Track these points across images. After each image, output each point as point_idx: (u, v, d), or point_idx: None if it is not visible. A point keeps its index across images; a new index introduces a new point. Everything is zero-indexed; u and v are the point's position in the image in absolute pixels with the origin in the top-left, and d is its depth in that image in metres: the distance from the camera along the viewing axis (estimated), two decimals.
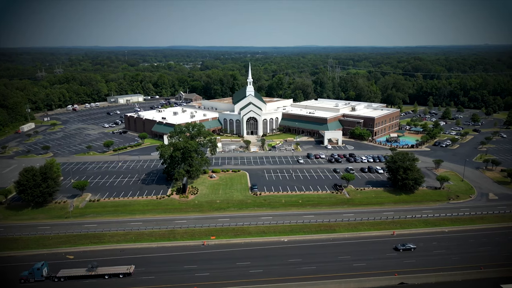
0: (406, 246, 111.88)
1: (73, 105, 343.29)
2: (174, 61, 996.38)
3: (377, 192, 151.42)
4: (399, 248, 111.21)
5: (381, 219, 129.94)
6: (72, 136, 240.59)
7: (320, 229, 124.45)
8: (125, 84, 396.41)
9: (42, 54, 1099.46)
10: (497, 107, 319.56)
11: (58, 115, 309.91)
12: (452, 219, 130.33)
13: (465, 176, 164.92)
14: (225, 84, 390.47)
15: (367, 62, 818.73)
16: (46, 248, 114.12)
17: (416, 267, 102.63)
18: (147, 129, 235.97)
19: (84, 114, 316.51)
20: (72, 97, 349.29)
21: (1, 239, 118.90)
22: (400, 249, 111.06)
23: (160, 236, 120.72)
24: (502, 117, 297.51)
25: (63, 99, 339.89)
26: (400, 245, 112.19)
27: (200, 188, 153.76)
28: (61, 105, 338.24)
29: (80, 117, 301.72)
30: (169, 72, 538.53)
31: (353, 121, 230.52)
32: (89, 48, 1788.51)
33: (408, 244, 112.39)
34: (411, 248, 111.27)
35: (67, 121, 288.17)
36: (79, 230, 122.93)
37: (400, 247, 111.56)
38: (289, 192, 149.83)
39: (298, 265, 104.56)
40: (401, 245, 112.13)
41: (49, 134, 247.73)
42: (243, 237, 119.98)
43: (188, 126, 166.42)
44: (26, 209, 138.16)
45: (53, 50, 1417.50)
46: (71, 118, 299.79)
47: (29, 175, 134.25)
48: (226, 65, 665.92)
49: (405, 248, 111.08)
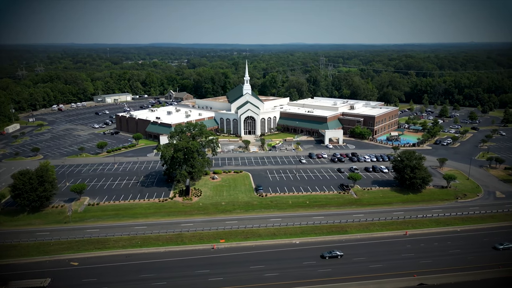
0: (332, 253, 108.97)
1: (58, 105, 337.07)
2: (158, 58, 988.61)
3: (384, 191, 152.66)
4: (325, 256, 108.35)
5: (392, 219, 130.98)
6: (61, 138, 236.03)
7: (331, 230, 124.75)
8: (112, 83, 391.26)
9: (17, 51, 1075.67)
10: (492, 105, 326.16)
11: (43, 116, 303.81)
12: (462, 218, 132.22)
13: (470, 174, 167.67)
14: (217, 83, 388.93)
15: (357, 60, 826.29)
16: (48, 255, 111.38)
17: (433, 267, 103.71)
18: (141, 129, 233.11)
19: (71, 114, 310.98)
20: (57, 97, 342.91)
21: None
22: (326, 256, 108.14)
23: (167, 240, 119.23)
24: (498, 115, 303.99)
25: (48, 98, 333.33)
26: (326, 253, 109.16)
27: (203, 190, 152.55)
28: (45, 105, 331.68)
29: (67, 117, 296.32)
30: (156, 70, 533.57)
31: (353, 120, 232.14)
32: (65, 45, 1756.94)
33: (335, 251, 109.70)
34: (337, 255, 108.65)
35: (54, 121, 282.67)
36: (81, 236, 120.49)
37: (326, 254, 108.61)
38: (295, 193, 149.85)
39: (313, 268, 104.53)
40: (328, 253, 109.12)
41: (36, 135, 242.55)
42: (253, 240, 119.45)
43: (189, 126, 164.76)
44: (22, 214, 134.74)
45: (28, 47, 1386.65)
46: (57, 118, 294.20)
47: (25, 179, 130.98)
48: (214, 63, 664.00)
49: (332, 256, 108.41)
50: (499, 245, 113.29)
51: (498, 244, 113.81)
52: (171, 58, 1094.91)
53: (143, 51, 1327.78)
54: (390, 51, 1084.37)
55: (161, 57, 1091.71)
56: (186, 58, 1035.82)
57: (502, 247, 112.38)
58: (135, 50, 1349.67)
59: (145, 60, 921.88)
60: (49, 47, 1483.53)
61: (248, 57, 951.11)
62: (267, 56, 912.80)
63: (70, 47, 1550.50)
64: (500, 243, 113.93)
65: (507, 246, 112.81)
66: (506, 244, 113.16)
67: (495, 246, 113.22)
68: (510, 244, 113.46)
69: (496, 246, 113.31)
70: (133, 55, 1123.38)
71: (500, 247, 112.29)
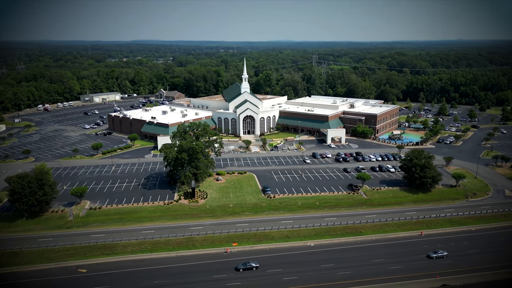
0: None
1: (43, 104, 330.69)
2: (141, 56, 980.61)
3: (393, 191, 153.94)
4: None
5: (405, 220, 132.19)
6: (50, 139, 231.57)
7: (345, 231, 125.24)
8: (100, 81, 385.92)
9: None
10: (490, 103, 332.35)
11: (29, 116, 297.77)
12: (476, 217, 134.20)
13: (477, 173, 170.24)
14: (209, 81, 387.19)
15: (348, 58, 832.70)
16: (53, 262, 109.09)
17: (453, 268, 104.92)
18: (135, 129, 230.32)
19: (59, 114, 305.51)
20: (42, 96, 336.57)
21: None
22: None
23: (177, 244, 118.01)
24: (495, 113, 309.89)
25: (32, 98, 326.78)
26: None
27: (208, 192, 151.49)
28: (30, 105, 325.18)
29: (55, 118, 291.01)
30: (142, 68, 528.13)
31: (355, 119, 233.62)
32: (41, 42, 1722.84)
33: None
34: None
35: (41, 122, 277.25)
36: (86, 241, 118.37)
37: None
38: (304, 194, 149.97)
39: (332, 270, 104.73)
40: None
41: (24, 137, 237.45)
42: (266, 243, 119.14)
43: (192, 126, 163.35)
44: (20, 219, 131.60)
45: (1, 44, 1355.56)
46: (44, 119, 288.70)
47: (24, 182, 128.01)
48: (203, 61, 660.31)
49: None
50: (432, 253, 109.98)
51: (431, 252, 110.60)
52: (155, 55, 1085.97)
53: (126, 49, 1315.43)
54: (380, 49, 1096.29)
55: (145, 55, 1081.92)
56: (171, 56, 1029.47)
57: (435, 255, 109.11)
58: (117, 48, 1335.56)
59: (129, 57, 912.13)
60: (23, 44, 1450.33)
61: (236, 54, 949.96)
62: (256, 54, 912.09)
63: (46, 44, 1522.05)
64: (434, 251, 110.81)
65: (440, 254, 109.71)
66: (440, 252, 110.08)
67: (429, 255, 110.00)
68: (444, 252, 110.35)
69: (429, 254, 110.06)
70: (116, 52, 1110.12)
71: (434, 256, 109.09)
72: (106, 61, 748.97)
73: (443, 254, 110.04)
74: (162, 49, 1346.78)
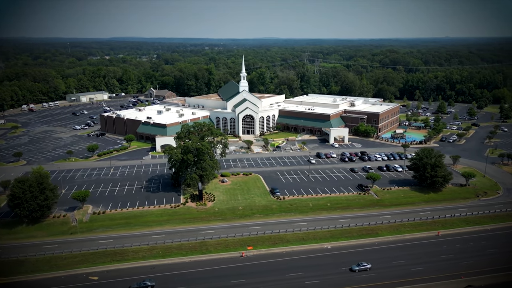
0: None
1: (28, 104, 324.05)
2: (123, 54, 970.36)
3: (404, 191, 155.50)
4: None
5: (421, 220, 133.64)
6: (40, 141, 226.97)
7: (361, 233, 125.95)
8: (86, 80, 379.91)
9: None
10: (487, 101, 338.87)
11: (14, 117, 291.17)
12: (490, 216, 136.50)
13: (485, 171, 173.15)
14: (200, 80, 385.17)
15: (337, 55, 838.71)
16: (62, 270, 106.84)
17: (475, 268, 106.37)
18: (130, 130, 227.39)
19: (45, 115, 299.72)
20: (26, 96, 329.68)
21: (3, 262, 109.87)
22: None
23: (190, 249, 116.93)
24: (492, 111, 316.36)
25: (16, 98, 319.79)
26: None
27: (215, 194, 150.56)
28: (13, 105, 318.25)
29: (42, 119, 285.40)
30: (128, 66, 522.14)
31: (356, 117, 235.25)
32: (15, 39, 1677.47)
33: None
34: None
35: (28, 123, 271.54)
36: (95, 247, 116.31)
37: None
38: (314, 195, 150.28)
39: (354, 273, 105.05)
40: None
41: (12, 138, 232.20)
42: (282, 246, 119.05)
43: (197, 126, 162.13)
44: (20, 226, 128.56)
45: None
46: (31, 119, 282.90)
47: (25, 186, 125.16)
48: (191, 59, 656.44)
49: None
50: (355, 266, 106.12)
51: (354, 265, 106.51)
52: (138, 53, 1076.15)
53: (106, 46, 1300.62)
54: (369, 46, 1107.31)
55: (127, 52, 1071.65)
56: (155, 53, 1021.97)
57: (358, 268, 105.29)
58: (96, 45, 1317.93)
59: (111, 55, 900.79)
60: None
61: (223, 52, 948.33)
62: (243, 52, 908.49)
63: (21, 41, 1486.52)
64: (357, 264, 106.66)
65: (363, 266, 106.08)
66: (363, 265, 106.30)
67: (351, 268, 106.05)
68: (367, 265, 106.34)
69: (352, 268, 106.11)
70: (96, 50, 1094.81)
71: (356, 269, 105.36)
72: (88, 59, 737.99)
73: (366, 266, 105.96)
74: (144, 47, 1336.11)
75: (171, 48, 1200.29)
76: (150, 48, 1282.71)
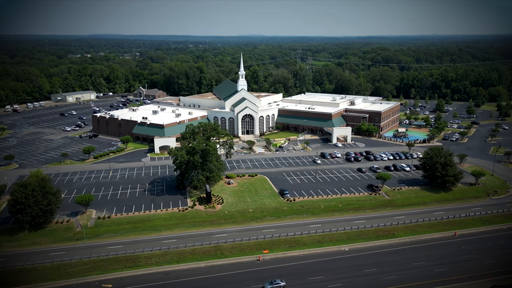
0: None
1: (12, 105, 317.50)
2: (104, 51, 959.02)
3: (415, 191, 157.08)
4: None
5: (436, 220, 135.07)
6: (30, 143, 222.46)
7: (378, 234, 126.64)
8: (72, 79, 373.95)
9: None
10: (484, 99, 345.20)
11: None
12: (504, 215, 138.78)
13: (493, 170, 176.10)
14: (191, 78, 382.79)
15: (326, 53, 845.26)
16: (73, 278, 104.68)
17: (498, 268, 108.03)
18: (125, 131, 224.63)
19: (31, 116, 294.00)
20: (9, 96, 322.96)
21: (9, 271, 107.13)
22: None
23: (205, 253, 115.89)
24: (489, 109, 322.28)
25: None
26: None
27: (223, 196, 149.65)
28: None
29: (28, 120, 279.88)
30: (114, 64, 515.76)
31: (358, 116, 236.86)
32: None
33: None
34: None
35: (14, 124, 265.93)
36: (105, 254, 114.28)
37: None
38: (324, 196, 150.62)
39: (377, 276, 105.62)
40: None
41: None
42: (299, 249, 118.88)
43: (201, 126, 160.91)
44: (22, 232, 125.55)
45: None
46: (16, 121, 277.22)
47: (27, 191, 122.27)
48: (177, 56, 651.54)
49: None
50: (268, 284, 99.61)
51: (267, 283, 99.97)
52: (119, 51, 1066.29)
53: (85, 43, 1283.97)
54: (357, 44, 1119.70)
55: (108, 50, 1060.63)
56: (137, 51, 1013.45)
57: (270, 286, 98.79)
58: (75, 42, 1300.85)
59: (91, 53, 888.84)
60: None
61: (208, 50, 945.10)
62: (230, 49, 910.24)
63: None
64: (270, 282, 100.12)
65: (276, 284, 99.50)
66: (276, 283, 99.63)
67: (264, 286, 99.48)
68: (281, 283, 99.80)
69: (264, 286, 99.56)
70: (75, 48, 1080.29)
71: (269, 287, 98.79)
72: (68, 57, 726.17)
73: (279, 284, 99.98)
74: (125, 44, 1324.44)
75: (154, 46, 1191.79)
76: (131, 45, 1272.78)
